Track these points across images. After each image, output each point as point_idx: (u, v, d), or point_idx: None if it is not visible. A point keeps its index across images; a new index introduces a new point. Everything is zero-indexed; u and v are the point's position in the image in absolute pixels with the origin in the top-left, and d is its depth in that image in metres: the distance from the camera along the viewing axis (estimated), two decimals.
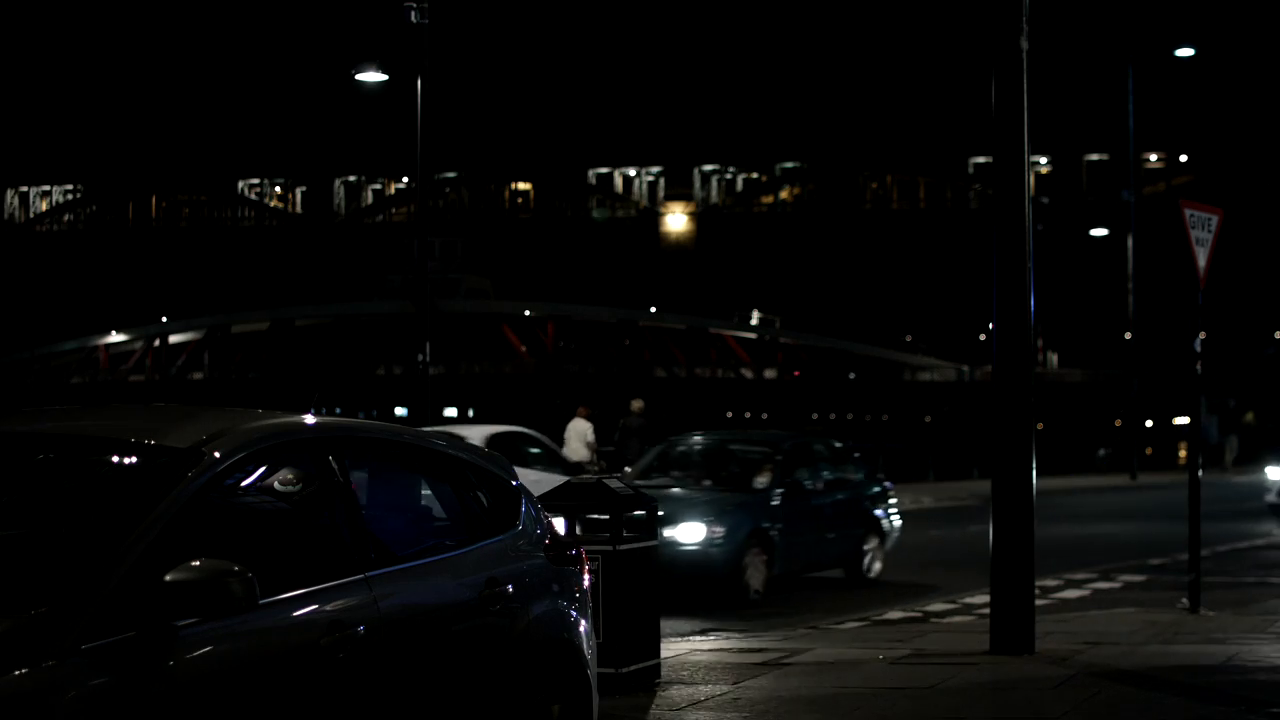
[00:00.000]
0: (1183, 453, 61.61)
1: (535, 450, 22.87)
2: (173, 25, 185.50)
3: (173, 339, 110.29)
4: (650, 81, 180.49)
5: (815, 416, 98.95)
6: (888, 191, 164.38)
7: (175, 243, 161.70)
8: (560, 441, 27.22)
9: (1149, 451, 63.52)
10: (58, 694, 4.51)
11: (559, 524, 9.63)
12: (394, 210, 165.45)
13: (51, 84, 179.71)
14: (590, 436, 27.16)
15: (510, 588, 6.47)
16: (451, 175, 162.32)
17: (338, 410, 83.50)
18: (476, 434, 21.31)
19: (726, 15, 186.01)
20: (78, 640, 4.62)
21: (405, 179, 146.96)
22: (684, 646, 12.25)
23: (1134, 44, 47.74)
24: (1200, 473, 14.17)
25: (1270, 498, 30.37)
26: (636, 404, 29.44)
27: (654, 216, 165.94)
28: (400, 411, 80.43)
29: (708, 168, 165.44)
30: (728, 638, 13.15)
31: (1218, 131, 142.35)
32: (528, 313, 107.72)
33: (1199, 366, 14.29)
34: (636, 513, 10.71)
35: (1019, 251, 11.57)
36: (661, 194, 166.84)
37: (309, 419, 6.13)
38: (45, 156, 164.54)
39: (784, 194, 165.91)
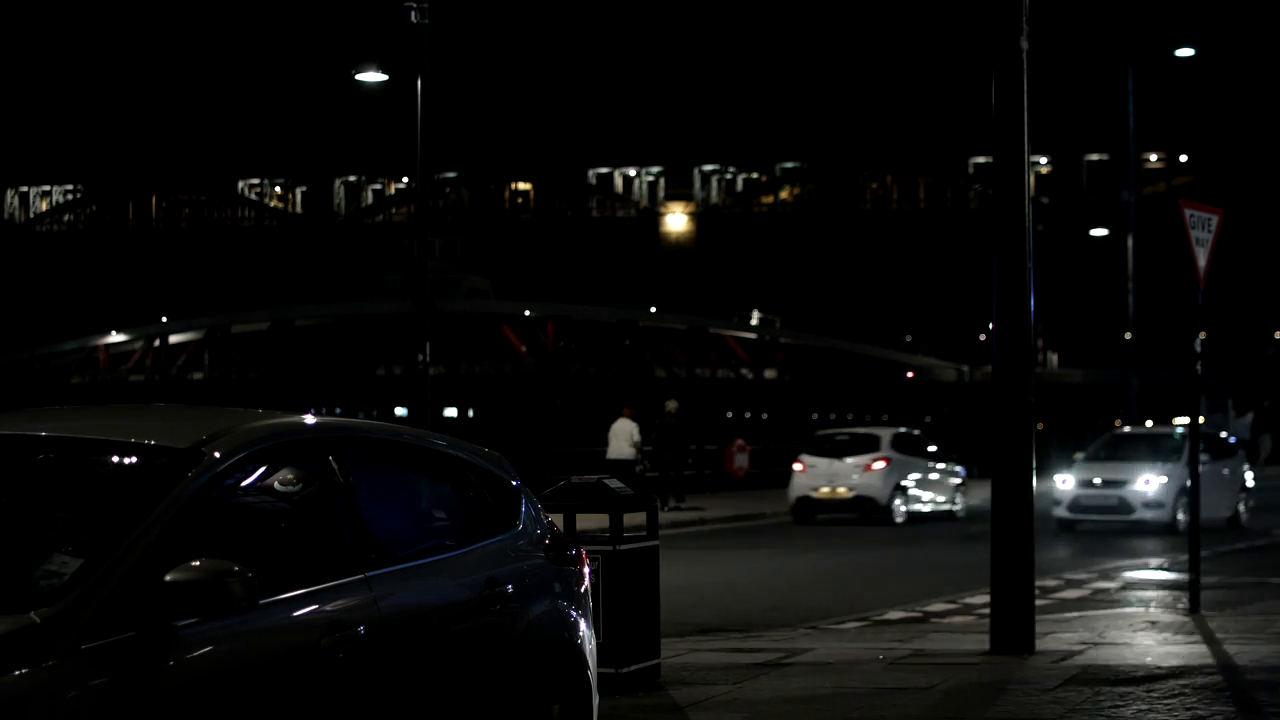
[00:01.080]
0: None
1: (931, 448, 28.11)
2: (173, 25, 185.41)
3: (173, 339, 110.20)
4: (650, 81, 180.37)
5: (815, 416, 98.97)
6: (888, 191, 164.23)
7: (175, 243, 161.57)
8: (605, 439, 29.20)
9: None
10: (58, 694, 4.52)
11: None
12: (394, 210, 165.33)
13: (51, 84, 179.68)
14: (637, 436, 29.08)
15: (510, 588, 6.47)
16: (451, 175, 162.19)
17: (338, 410, 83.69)
18: (885, 433, 30.00)
19: (726, 15, 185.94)
20: (78, 640, 4.62)
21: (405, 179, 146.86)
22: (684, 646, 12.25)
23: (1134, 44, 47.66)
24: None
25: (1059, 511, 26.79)
26: (671, 405, 31.77)
27: (654, 216, 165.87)
28: (400, 411, 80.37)
29: (708, 168, 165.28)
30: (728, 638, 13.16)
31: (1218, 131, 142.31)
32: (528, 313, 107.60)
33: (1199, 366, 14.30)
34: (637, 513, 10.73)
35: (1019, 251, 11.57)
36: (661, 194, 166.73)
37: (309, 419, 6.14)
38: (45, 156, 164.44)
39: (784, 194, 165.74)
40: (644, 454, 29.83)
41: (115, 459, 5.46)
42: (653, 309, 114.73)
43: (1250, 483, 28.85)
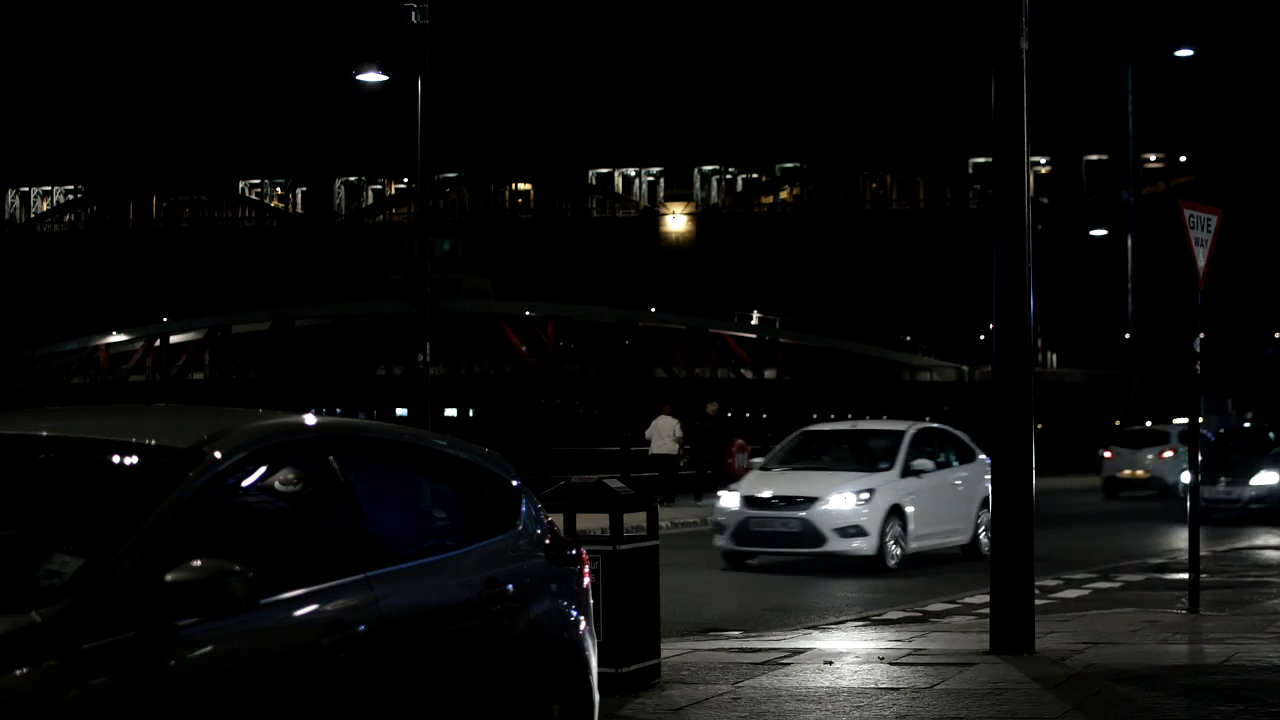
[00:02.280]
0: None
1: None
2: (173, 25, 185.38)
3: (173, 339, 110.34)
4: (650, 81, 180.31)
5: (815, 416, 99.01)
6: (888, 191, 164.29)
7: (175, 243, 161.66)
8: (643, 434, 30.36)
9: None
10: (59, 694, 4.52)
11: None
12: (394, 210, 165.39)
13: (51, 84, 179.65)
14: (679, 432, 30.10)
15: (510, 587, 6.48)
16: (452, 175, 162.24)
17: (338, 410, 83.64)
18: (1173, 429, 29.81)
19: (726, 15, 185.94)
20: (79, 640, 4.63)
21: (405, 179, 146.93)
22: (684, 646, 12.25)
23: (1134, 44, 47.69)
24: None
25: (721, 541, 20.03)
26: (711, 406, 32.88)
27: (654, 216, 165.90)
28: (400, 411, 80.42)
29: (708, 168, 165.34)
30: (728, 637, 13.17)
31: (1218, 131, 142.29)
32: (528, 313, 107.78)
33: (1199, 366, 14.30)
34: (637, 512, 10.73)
35: (1019, 251, 11.58)
36: (661, 194, 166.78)
37: (309, 419, 6.15)
38: (46, 157, 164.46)
39: (784, 194, 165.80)
40: (685, 451, 31.61)
41: (116, 459, 5.46)
42: (653, 309, 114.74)
43: None
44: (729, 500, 20.14)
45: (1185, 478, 29.15)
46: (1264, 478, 29.26)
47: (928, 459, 20.58)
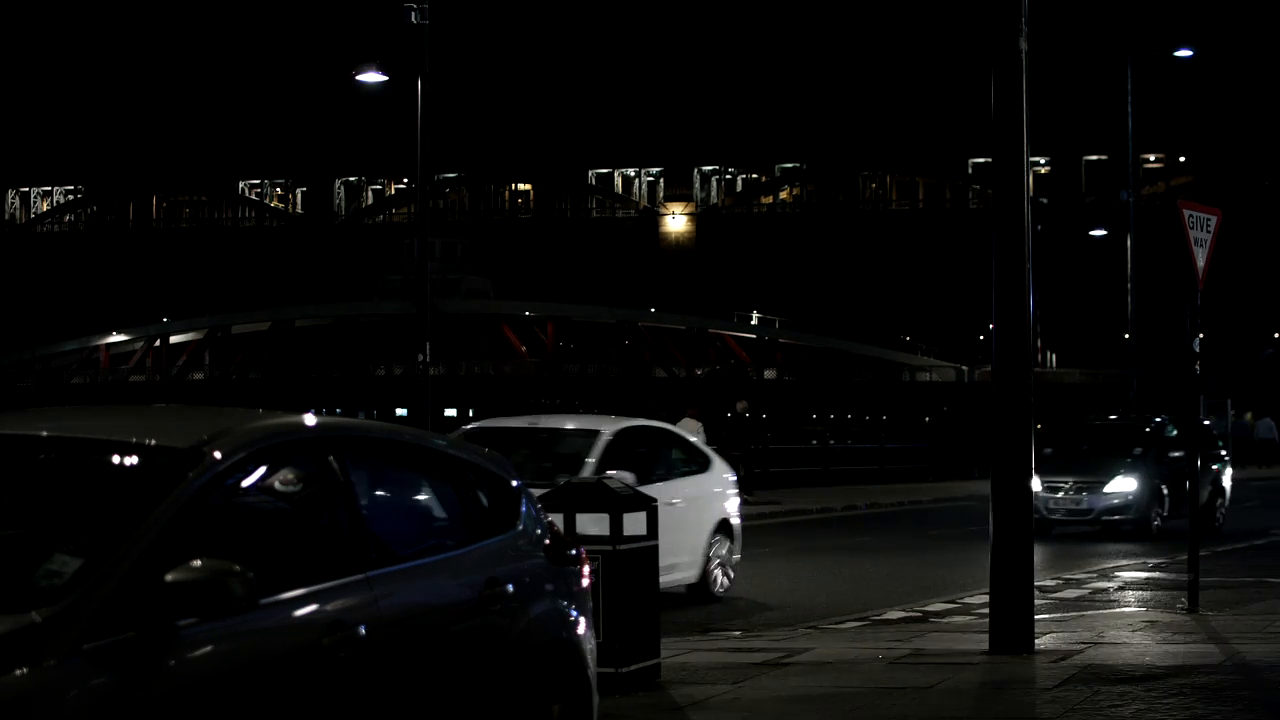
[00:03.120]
0: None
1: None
2: (173, 25, 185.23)
3: (173, 339, 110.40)
4: (650, 81, 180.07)
5: (815, 416, 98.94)
6: (887, 191, 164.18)
7: (175, 243, 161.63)
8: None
9: None
10: (59, 694, 4.53)
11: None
12: (394, 210, 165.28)
13: (51, 84, 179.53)
14: (702, 434, 29.41)
15: (510, 587, 6.48)
16: (452, 175, 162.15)
17: (338, 410, 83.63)
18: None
19: (726, 15, 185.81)
20: (79, 640, 4.63)
21: (405, 179, 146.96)
22: (684, 646, 12.25)
23: (1134, 44, 47.70)
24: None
25: None
26: (741, 405, 32.12)
27: (654, 216, 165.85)
28: (400, 412, 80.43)
29: (708, 168, 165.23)
30: (728, 638, 13.17)
31: (1218, 131, 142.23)
32: (528, 313, 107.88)
33: (1199, 366, 14.30)
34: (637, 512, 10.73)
35: (1018, 251, 11.59)
36: (661, 194, 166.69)
37: (309, 419, 6.15)
38: (46, 157, 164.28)
39: (784, 194, 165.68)
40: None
41: (116, 459, 5.47)
42: (653, 309, 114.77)
43: (736, 517, 16.92)
44: None
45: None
46: (1120, 484, 24.06)
47: (631, 471, 14.24)
